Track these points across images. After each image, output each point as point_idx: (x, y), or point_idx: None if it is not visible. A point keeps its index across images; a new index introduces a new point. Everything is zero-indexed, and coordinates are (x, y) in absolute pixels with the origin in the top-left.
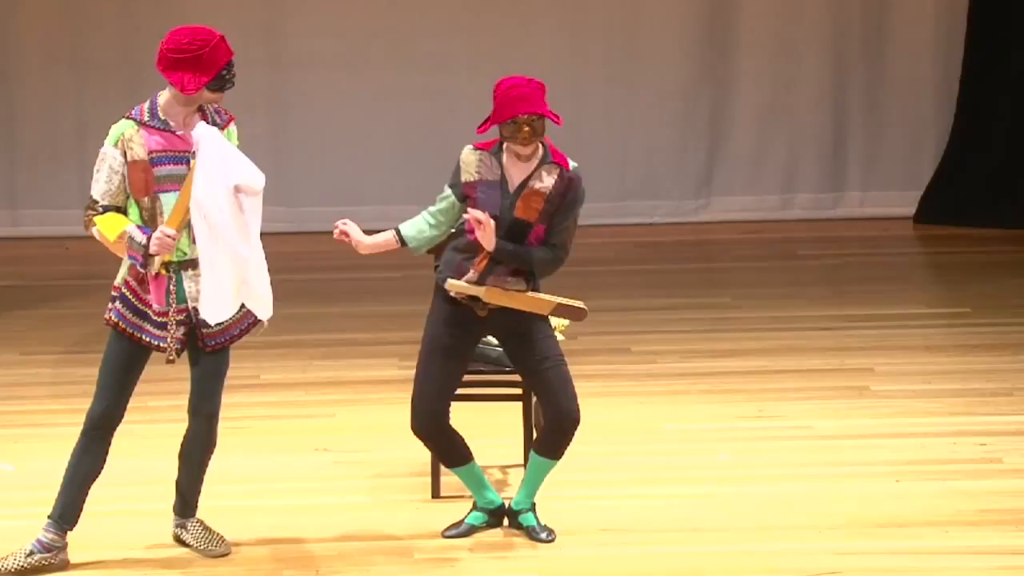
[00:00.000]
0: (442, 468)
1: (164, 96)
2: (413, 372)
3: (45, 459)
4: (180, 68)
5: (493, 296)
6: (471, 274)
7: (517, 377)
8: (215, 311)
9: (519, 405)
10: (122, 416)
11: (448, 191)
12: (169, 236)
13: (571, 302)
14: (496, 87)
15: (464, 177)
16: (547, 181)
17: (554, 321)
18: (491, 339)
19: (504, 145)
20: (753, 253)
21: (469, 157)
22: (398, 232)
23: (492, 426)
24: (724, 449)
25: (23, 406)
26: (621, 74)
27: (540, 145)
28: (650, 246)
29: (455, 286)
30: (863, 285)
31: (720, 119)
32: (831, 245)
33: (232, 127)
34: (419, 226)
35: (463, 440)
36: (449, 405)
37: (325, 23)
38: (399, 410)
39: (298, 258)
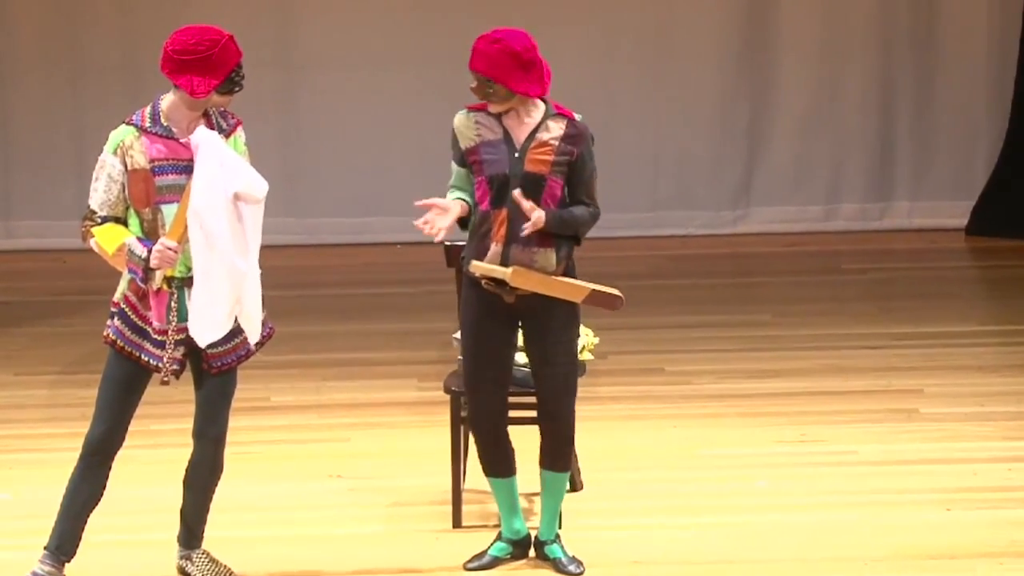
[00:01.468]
0: (464, 497)
1: (167, 100)
2: (431, 394)
3: (41, 486)
4: (187, 71)
5: (520, 279)
6: (494, 247)
7: None
8: (206, 330)
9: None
10: (122, 440)
11: (454, 164)
12: (170, 249)
13: (606, 289)
14: None
15: (464, 144)
16: (554, 131)
17: (580, 343)
18: (517, 358)
19: None
20: (794, 267)
21: (463, 121)
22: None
23: (517, 451)
24: (763, 476)
25: (17, 430)
26: (654, 76)
27: (541, 102)
28: (684, 260)
29: (479, 268)
30: (911, 301)
31: (759, 124)
32: (877, 259)
33: (240, 131)
34: (461, 190)
35: (513, 452)
36: (506, 406)
37: (338, 21)
38: (418, 434)
39: (310, 272)
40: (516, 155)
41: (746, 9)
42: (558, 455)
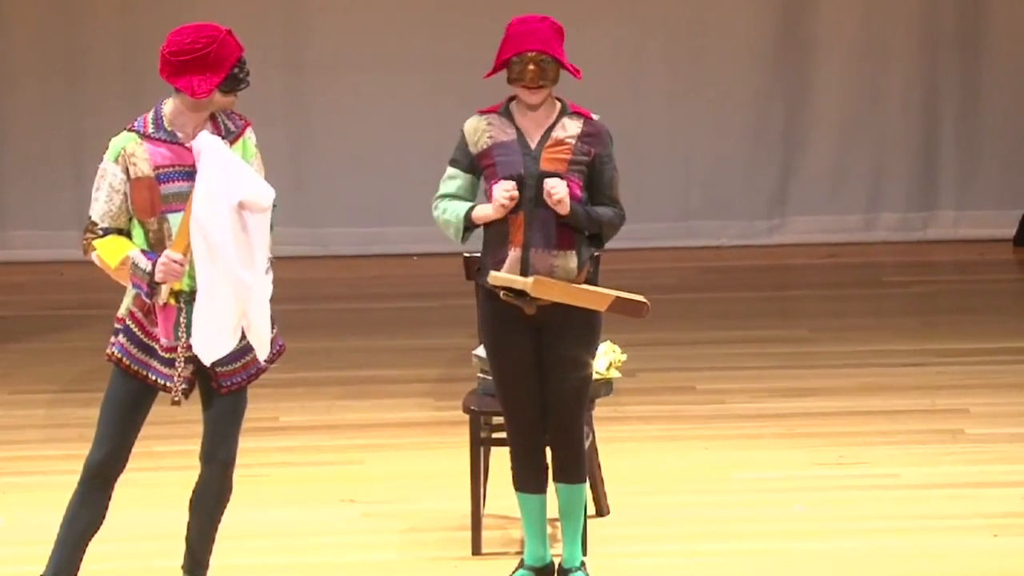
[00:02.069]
0: (484, 523)
1: (170, 104)
2: (449, 413)
3: (38, 511)
4: (186, 71)
5: (542, 289)
6: (512, 253)
7: None
8: (210, 346)
9: None
10: (125, 463)
11: (453, 170)
12: (175, 261)
13: (630, 296)
14: (506, 27)
15: (473, 150)
16: (571, 129)
17: (606, 360)
18: None
19: (513, 102)
20: (833, 280)
21: (474, 125)
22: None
23: None
24: (800, 500)
25: (13, 452)
26: (685, 78)
27: (557, 101)
28: (717, 272)
29: (499, 279)
30: (956, 316)
31: (796, 129)
32: (920, 271)
33: (249, 133)
34: (463, 202)
35: (547, 467)
36: (543, 417)
37: (350, 21)
38: (435, 456)
39: (320, 285)
40: (531, 155)
41: (782, 6)
42: (570, 465)
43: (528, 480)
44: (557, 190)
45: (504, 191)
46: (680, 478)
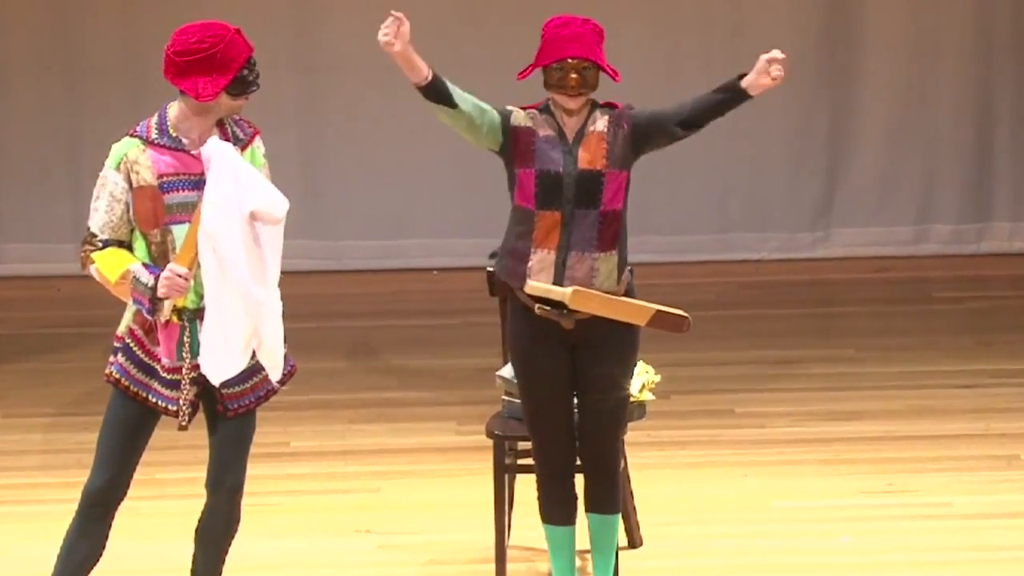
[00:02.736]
0: (508, 555)
1: (175, 108)
2: (472, 438)
3: (33, 542)
4: (192, 73)
5: (581, 301)
6: (542, 254)
7: None
8: (219, 366)
9: None
10: (126, 491)
11: (488, 107)
12: (180, 275)
13: (671, 309)
14: (544, 25)
15: (514, 122)
16: (600, 122)
17: (639, 381)
18: None
19: (550, 102)
20: (880, 296)
21: (519, 111)
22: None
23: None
24: (845, 531)
25: (7, 479)
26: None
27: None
28: (757, 287)
29: (536, 289)
30: (1012, 334)
31: (841, 136)
32: (974, 286)
33: (258, 142)
34: (465, 95)
35: (576, 498)
36: (574, 443)
37: (365, 18)
38: (457, 484)
39: (335, 301)
40: (570, 153)
41: (826, 4)
42: (607, 495)
43: (556, 511)
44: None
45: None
46: (717, 507)
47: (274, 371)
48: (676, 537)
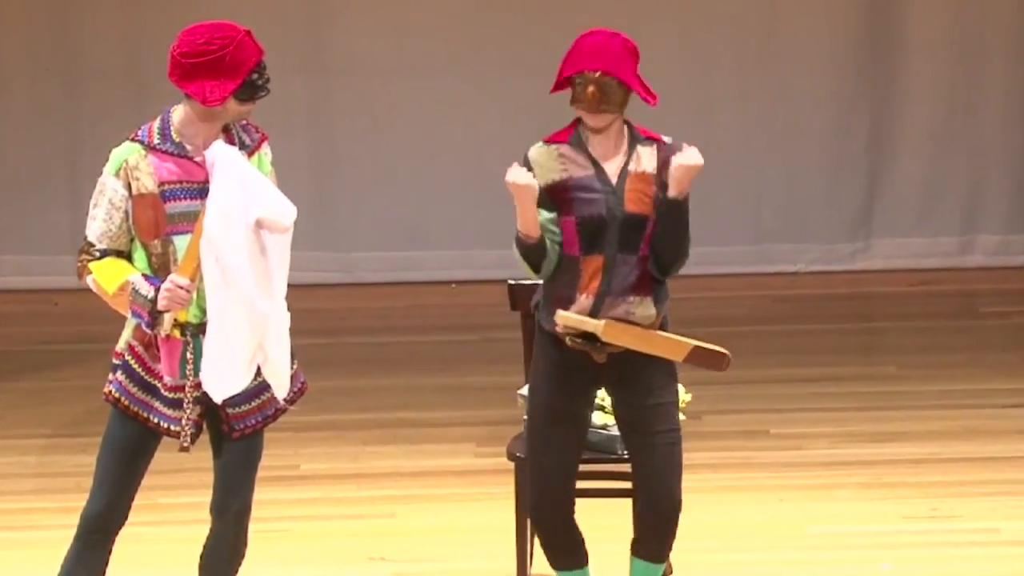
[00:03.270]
0: None
1: (179, 112)
2: (491, 460)
3: (29, 570)
4: (199, 76)
5: (614, 333)
6: (582, 300)
7: (628, 467)
8: (221, 383)
9: (629, 503)
10: (126, 516)
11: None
12: (181, 287)
13: (710, 346)
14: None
15: (545, 180)
16: (646, 161)
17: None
18: (593, 419)
19: (580, 126)
20: (924, 310)
21: (543, 153)
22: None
23: (596, 528)
24: (887, 559)
25: (2, 504)
26: (757, 85)
27: (625, 126)
28: (793, 301)
29: (567, 319)
30: None
31: (882, 141)
32: (1022, 300)
33: (265, 148)
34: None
35: (582, 538)
36: (574, 486)
37: (380, 18)
38: (476, 509)
39: (347, 316)
40: (613, 193)
41: (866, 3)
42: (659, 543)
43: (566, 557)
44: (693, 159)
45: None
46: (751, 533)
47: (280, 389)
48: (708, 565)
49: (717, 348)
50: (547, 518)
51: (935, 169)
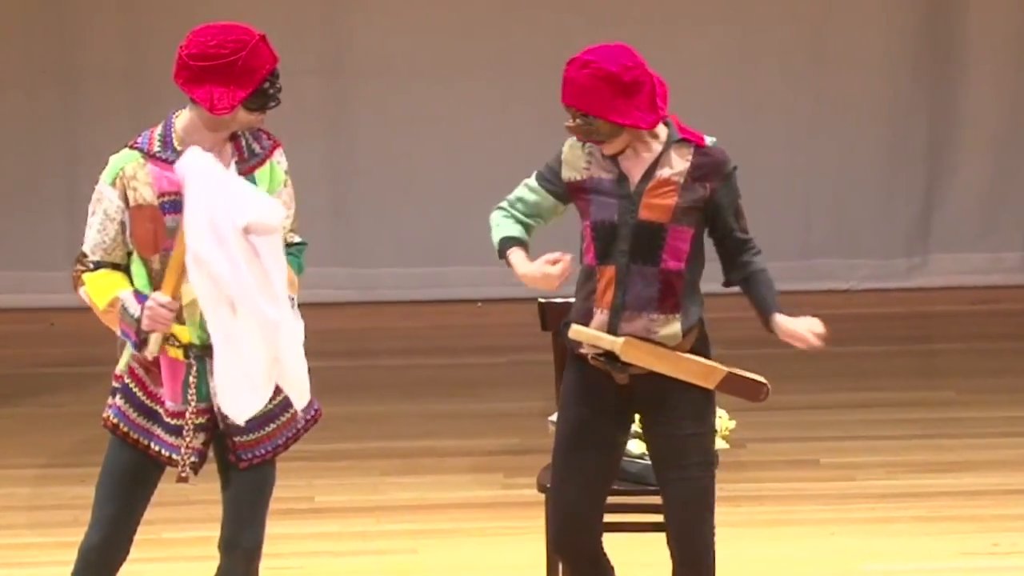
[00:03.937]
0: None
1: (183, 118)
2: (520, 492)
3: None
4: (207, 80)
5: (634, 353)
6: (598, 315)
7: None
8: (241, 402)
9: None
10: (126, 551)
11: (535, 183)
12: (163, 306)
13: (747, 374)
14: None
15: (568, 175)
16: (677, 165)
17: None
18: (631, 448)
19: None
20: (985, 331)
21: (573, 152)
22: (518, 242)
23: (632, 564)
24: None
25: None
26: (806, 90)
27: (663, 125)
28: (845, 320)
29: (581, 334)
30: None
31: (940, 150)
32: None
33: (278, 156)
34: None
35: (612, 569)
36: (601, 516)
37: (400, 18)
38: (503, 543)
39: (365, 337)
40: (629, 198)
41: (924, 5)
42: None
43: None
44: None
45: (548, 263)
46: (800, 571)
47: (299, 399)
48: None
49: (755, 376)
50: (568, 551)
51: (997, 179)
